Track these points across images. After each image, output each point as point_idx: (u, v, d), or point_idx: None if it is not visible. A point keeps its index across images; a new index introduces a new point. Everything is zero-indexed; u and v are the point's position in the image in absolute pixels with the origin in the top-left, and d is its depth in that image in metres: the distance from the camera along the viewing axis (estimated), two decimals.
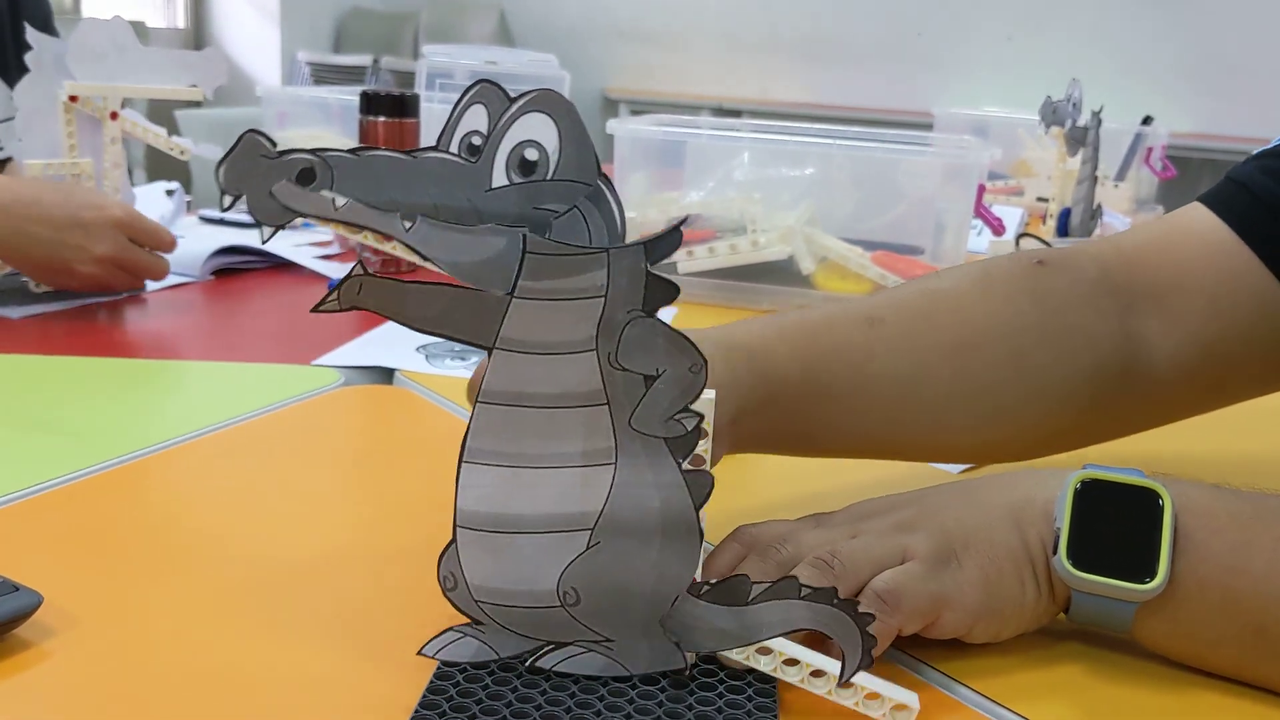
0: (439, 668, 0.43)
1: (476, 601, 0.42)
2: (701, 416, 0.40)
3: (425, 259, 0.38)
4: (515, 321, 0.39)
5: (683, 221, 0.40)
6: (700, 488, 0.41)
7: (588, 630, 0.42)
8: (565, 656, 0.42)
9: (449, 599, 0.42)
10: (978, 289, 0.60)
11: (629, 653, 0.42)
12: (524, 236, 0.38)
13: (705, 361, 0.39)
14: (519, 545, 0.41)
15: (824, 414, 0.56)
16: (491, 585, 0.41)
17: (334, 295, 0.39)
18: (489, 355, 0.40)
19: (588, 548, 0.41)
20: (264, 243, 0.39)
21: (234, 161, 0.37)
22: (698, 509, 0.41)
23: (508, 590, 0.41)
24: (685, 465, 0.40)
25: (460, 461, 0.40)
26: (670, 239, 0.38)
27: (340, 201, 0.37)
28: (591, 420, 0.40)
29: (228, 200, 0.37)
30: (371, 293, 0.39)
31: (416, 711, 0.41)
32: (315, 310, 0.39)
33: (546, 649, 0.43)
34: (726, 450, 0.54)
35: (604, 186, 0.39)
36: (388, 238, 0.38)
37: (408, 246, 0.38)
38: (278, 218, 0.37)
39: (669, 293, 0.39)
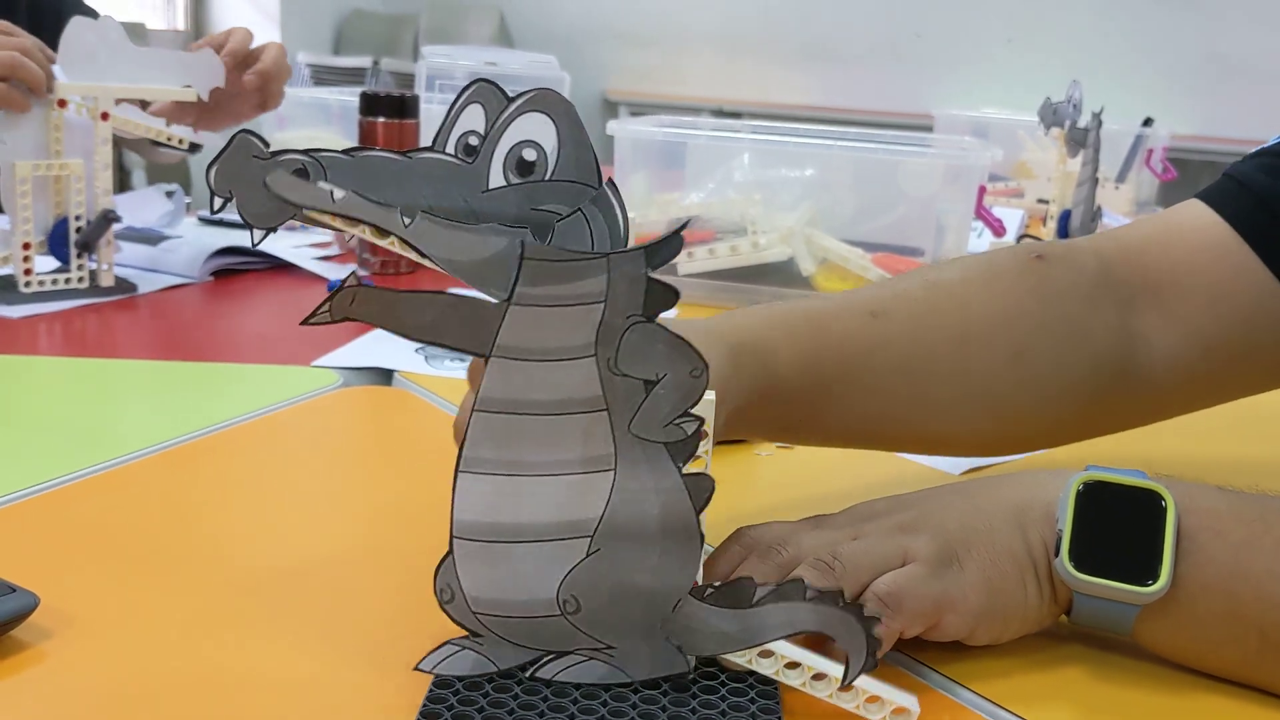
0: (438, 675, 0.43)
1: (474, 613, 0.41)
2: (702, 420, 0.40)
3: (423, 256, 0.38)
4: (512, 328, 0.38)
5: (684, 225, 0.39)
6: (701, 491, 0.40)
7: (588, 638, 0.42)
8: (566, 665, 0.42)
9: (446, 611, 0.42)
10: (979, 281, 0.60)
11: (630, 659, 0.42)
12: (522, 243, 0.38)
13: (706, 365, 0.39)
14: (517, 555, 0.40)
15: (825, 405, 0.57)
16: (489, 596, 0.41)
17: (325, 307, 0.39)
18: (485, 363, 0.39)
19: (587, 555, 0.40)
20: (254, 245, 0.38)
21: (225, 162, 0.36)
22: (698, 513, 0.40)
23: (506, 600, 0.41)
24: (685, 469, 0.40)
25: (456, 472, 0.40)
26: (671, 245, 0.38)
27: (338, 194, 0.37)
28: (591, 426, 0.39)
29: (218, 202, 0.36)
30: (364, 304, 0.39)
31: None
32: (305, 323, 0.39)
33: (546, 659, 0.42)
34: (723, 437, 0.54)
35: (609, 191, 0.38)
36: (385, 233, 0.38)
37: (405, 243, 0.37)
38: (269, 219, 0.37)
39: (669, 298, 0.39)
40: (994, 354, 0.59)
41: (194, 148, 1.21)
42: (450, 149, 0.38)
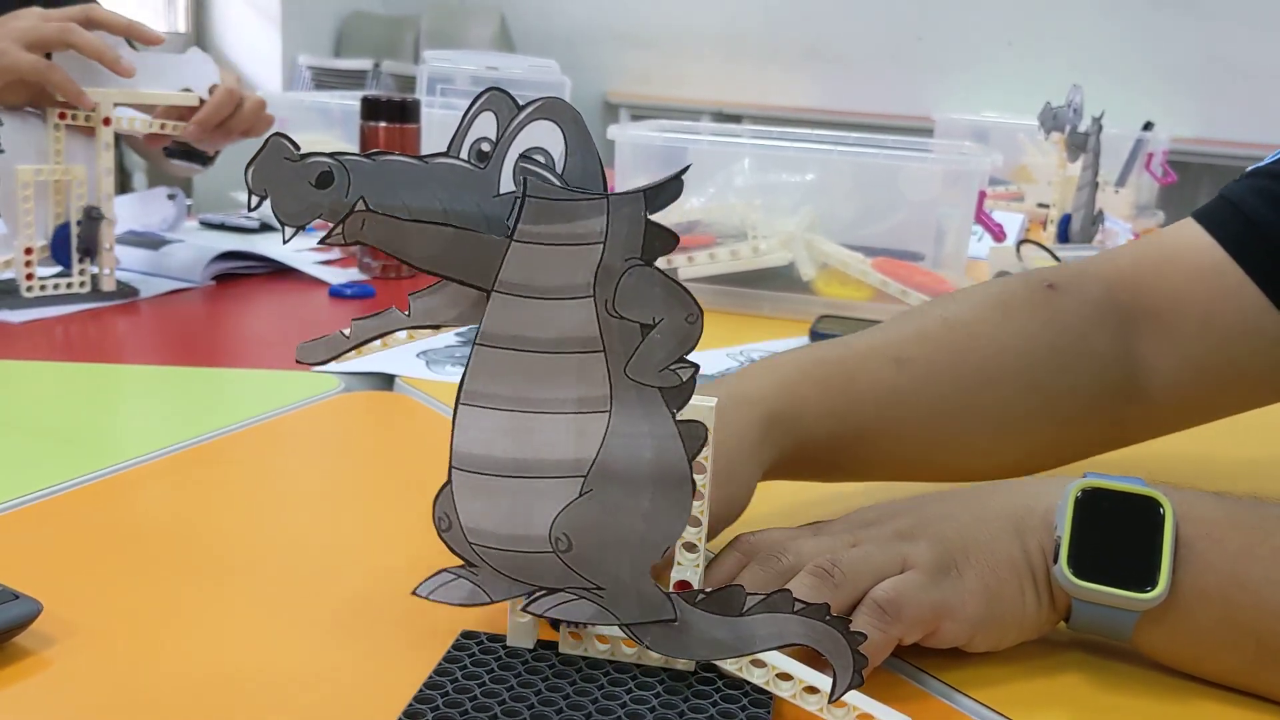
0: (436, 670, 0.44)
1: (470, 544, 0.42)
2: (697, 367, 0.40)
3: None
4: (514, 264, 0.39)
5: (684, 170, 0.40)
6: (694, 439, 0.40)
7: (579, 577, 0.42)
8: (557, 602, 0.43)
9: (443, 539, 0.42)
10: (995, 316, 0.63)
11: (619, 601, 0.42)
12: (524, 180, 0.38)
13: (701, 311, 0.39)
14: (512, 489, 0.41)
15: (854, 452, 0.59)
16: (485, 528, 0.42)
17: (339, 229, 0.40)
18: (488, 298, 0.40)
19: (580, 494, 0.41)
20: (285, 242, 0.40)
21: (261, 164, 0.38)
22: (691, 460, 0.41)
23: (501, 534, 0.42)
24: (679, 415, 0.40)
25: (457, 403, 0.41)
26: (671, 188, 0.38)
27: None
28: (587, 367, 0.40)
29: (255, 200, 0.38)
30: (374, 228, 0.39)
31: (410, 705, 0.41)
32: (322, 242, 0.40)
33: (539, 594, 0.43)
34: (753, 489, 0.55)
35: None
36: None
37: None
38: (300, 218, 0.38)
39: (668, 241, 0.39)
40: (1012, 387, 0.61)
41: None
42: (464, 154, 0.39)
